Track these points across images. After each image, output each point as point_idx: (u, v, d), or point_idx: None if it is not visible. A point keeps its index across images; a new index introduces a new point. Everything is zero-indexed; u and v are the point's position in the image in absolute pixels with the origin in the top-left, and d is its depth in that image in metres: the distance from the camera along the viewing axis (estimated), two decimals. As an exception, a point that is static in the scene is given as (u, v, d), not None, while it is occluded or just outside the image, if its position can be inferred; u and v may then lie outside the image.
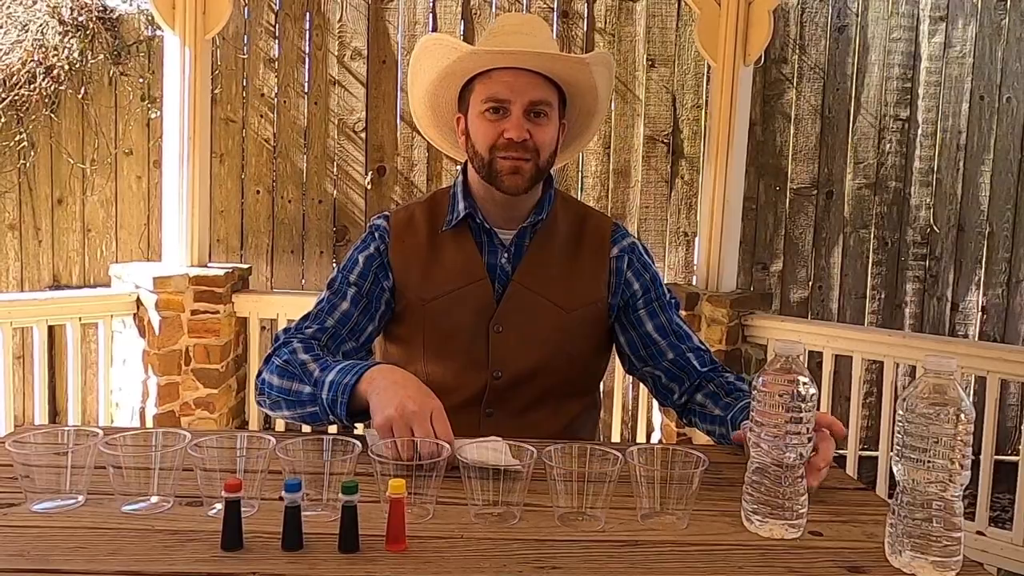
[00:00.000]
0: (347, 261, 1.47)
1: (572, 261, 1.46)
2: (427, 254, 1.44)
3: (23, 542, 0.90)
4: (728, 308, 3.01)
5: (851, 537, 1.00)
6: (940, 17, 3.62)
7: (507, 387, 1.39)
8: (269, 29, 3.48)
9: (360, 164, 3.55)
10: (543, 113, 1.37)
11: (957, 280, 3.74)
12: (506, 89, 1.35)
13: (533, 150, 1.36)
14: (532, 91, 1.36)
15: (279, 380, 1.31)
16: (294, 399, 1.30)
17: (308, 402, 1.28)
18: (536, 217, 1.44)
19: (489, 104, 1.37)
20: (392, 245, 1.45)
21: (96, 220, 3.47)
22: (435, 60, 1.42)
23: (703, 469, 1.00)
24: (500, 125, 1.36)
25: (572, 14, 3.56)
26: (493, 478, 0.99)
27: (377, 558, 0.89)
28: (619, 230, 1.52)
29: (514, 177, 1.37)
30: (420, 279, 1.43)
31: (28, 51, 3.25)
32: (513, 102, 1.35)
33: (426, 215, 1.48)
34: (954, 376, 0.88)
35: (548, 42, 1.44)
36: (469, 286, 1.41)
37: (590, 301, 1.45)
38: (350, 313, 1.42)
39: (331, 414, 1.25)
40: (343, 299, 1.43)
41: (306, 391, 1.28)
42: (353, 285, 1.43)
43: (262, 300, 3.11)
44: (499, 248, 1.44)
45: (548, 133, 1.39)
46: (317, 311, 1.43)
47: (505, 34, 1.41)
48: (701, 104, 3.60)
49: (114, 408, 3.02)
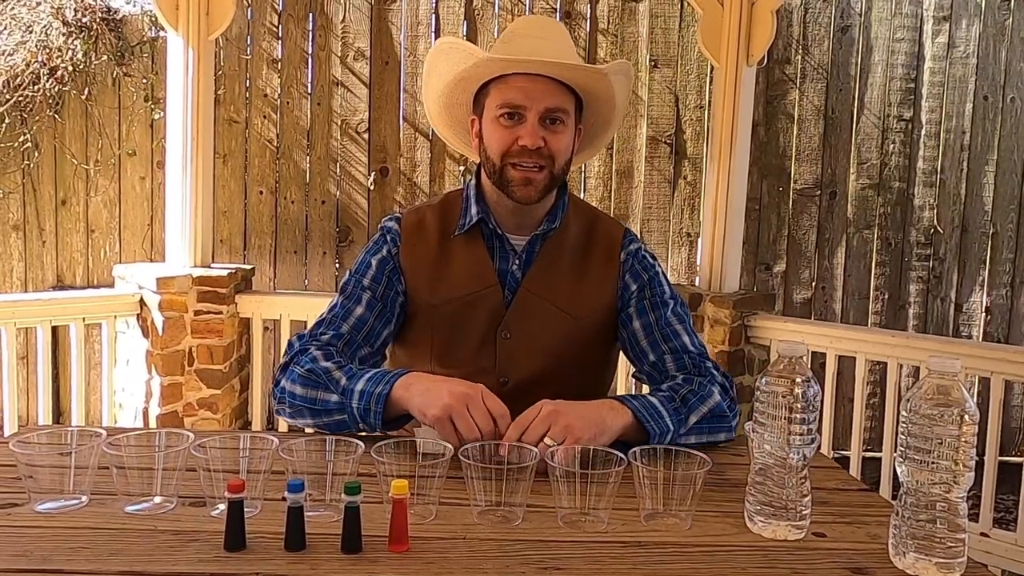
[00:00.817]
0: (359, 265, 1.45)
1: (582, 268, 1.45)
2: (438, 258, 1.42)
3: (26, 542, 0.90)
4: (731, 309, 3.01)
5: (855, 538, 1.00)
6: (944, 17, 3.61)
7: (514, 394, 1.37)
8: (272, 30, 3.48)
9: (363, 165, 3.55)
10: (559, 120, 1.35)
11: (961, 281, 3.73)
12: (522, 95, 1.33)
13: (548, 157, 1.35)
14: (548, 98, 1.34)
15: (302, 389, 1.29)
16: (320, 408, 1.28)
17: (335, 410, 1.26)
18: (549, 225, 1.43)
19: (504, 110, 1.35)
20: (403, 248, 1.44)
21: (100, 221, 3.48)
22: (451, 64, 1.40)
23: (706, 470, 1.00)
24: (515, 131, 1.34)
25: (575, 15, 3.56)
26: (496, 478, 0.99)
27: (380, 559, 0.89)
28: (628, 235, 1.50)
29: (526, 188, 1.36)
30: (430, 283, 1.42)
31: (32, 52, 3.26)
32: (529, 108, 1.33)
33: (438, 218, 1.46)
34: (958, 377, 0.88)
35: (566, 47, 1.41)
36: (479, 292, 1.40)
37: (599, 308, 1.44)
38: (365, 318, 1.40)
39: (362, 422, 1.24)
40: (357, 303, 1.41)
41: (332, 399, 1.27)
42: (367, 289, 1.41)
43: (265, 301, 3.12)
44: (510, 254, 1.43)
45: (563, 141, 1.37)
46: (331, 317, 1.40)
47: (522, 38, 1.39)
48: (704, 105, 3.60)
49: (117, 408, 3.03)
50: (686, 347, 1.41)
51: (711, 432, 1.31)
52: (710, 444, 1.31)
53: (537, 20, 1.54)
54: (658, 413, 1.24)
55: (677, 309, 1.46)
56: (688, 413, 1.28)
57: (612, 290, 1.45)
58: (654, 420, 1.23)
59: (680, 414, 1.27)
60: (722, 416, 1.32)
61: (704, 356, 1.42)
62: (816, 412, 0.98)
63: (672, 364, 1.40)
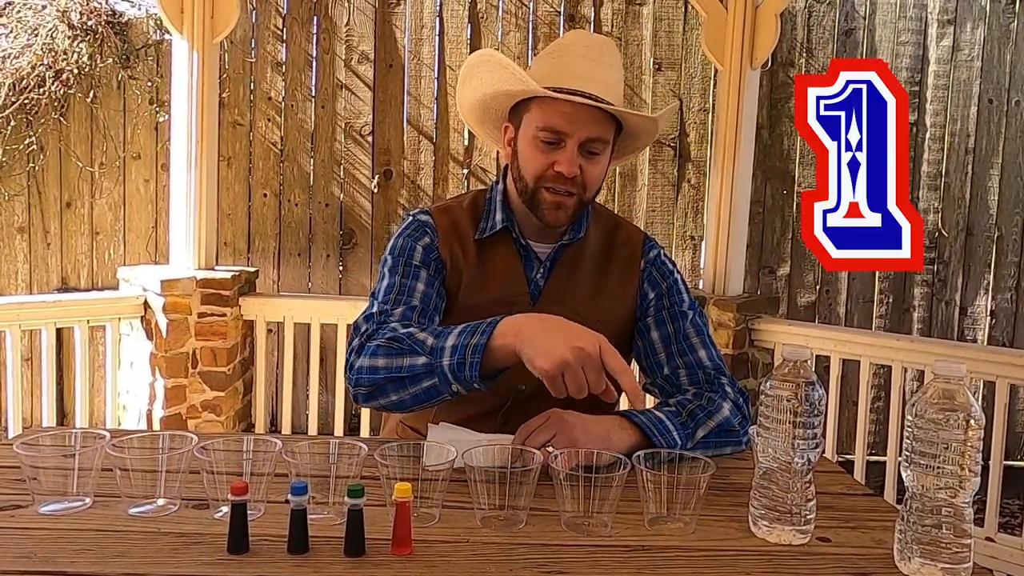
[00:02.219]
0: (401, 249, 1.39)
1: (602, 276, 1.44)
2: (474, 260, 1.41)
3: (30, 544, 0.90)
4: (735, 312, 3.00)
5: (859, 543, 0.99)
6: (948, 20, 3.60)
7: (530, 401, 1.35)
8: (276, 33, 3.49)
9: (367, 168, 3.55)
10: (597, 151, 1.33)
11: (966, 284, 3.72)
12: (565, 121, 1.30)
13: (581, 185, 1.33)
14: (591, 127, 1.30)
15: (384, 360, 1.20)
16: (406, 375, 1.19)
17: (424, 375, 1.17)
18: (574, 236, 1.42)
19: (545, 133, 1.31)
20: (441, 244, 1.41)
21: (104, 223, 3.49)
22: (494, 77, 1.36)
23: (710, 474, 0.99)
24: (552, 156, 1.31)
25: (579, 17, 3.56)
26: (499, 482, 0.99)
27: (383, 562, 0.89)
28: (648, 241, 1.49)
29: (557, 213, 1.34)
30: (465, 284, 1.40)
31: (37, 55, 3.27)
32: (570, 135, 1.30)
33: (470, 221, 1.43)
34: (963, 381, 0.87)
35: (615, 73, 1.37)
36: (509, 298, 1.38)
37: (617, 317, 1.43)
38: (429, 294, 1.35)
39: (456, 381, 1.15)
40: (417, 280, 1.35)
41: (420, 363, 1.17)
42: (422, 267, 1.36)
43: (269, 303, 3.12)
44: (535, 263, 1.42)
45: (599, 170, 1.35)
46: (394, 296, 1.33)
47: (573, 57, 1.34)
48: (708, 108, 3.60)
49: (121, 410, 3.03)
50: (701, 362, 1.39)
51: (717, 446, 1.29)
52: (716, 457, 1.30)
53: (588, 38, 1.47)
54: (665, 428, 1.24)
55: (696, 320, 1.43)
56: (695, 427, 1.27)
57: (631, 299, 1.44)
58: (661, 435, 1.22)
59: (687, 428, 1.26)
60: (730, 431, 1.31)
61: (720, 371, 1.39)
62: (820, 416, 0.97)
63: (686, 379, 1.39)
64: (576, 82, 1.31)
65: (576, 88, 1.30)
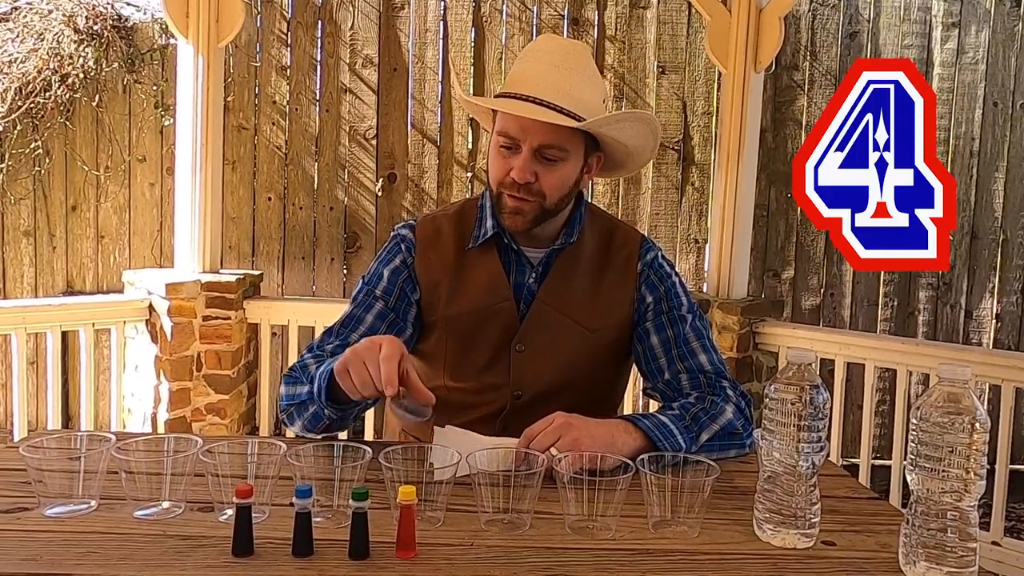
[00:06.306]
0: (371, 275, 1.43)
1: (598, 280, 1.42)
2: (453, 271, 1.40)
3: (36, 546, 0.90)
4: (739, 315, 3.00)
5: (864, 547, 0.99)
6: (953, 23, 3.60)
7: (528, 406, 1.36)
8: (281, 37, 3.50)
9: (371, 171, 3.56)
10: (553, 158, 1.30)
11: (971, 287, 3.71)
12: (516, 127, 1.29)
13: (538, 193, 1.31)
14: (544, 134, 1.28)
15: (285, 389, 1.32)
16: (298, 403, 1.29)
17: (308, 402, 1.26)
18: (567, 240, 1.41)
19: (502, 139, 1.32)
20: (418, 258, 1.42)
21: (109, 227, 3.50)
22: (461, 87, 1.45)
23: (714, 478, 0.99)
24: (510, 162, 1.31)
25: (583, 21, 3.56)
26: (504, 485, 0.99)
27: (387, 565, 0.89)
28: (645, 244, 1.47)
29: (515, 217, 1.33)
30: (445, 296, 1.40)
31: (44, 59, 3.29)
32: (523, 141, 1.29)
33: (454, 229, 1.43)
34: (968, 385, 0.87)
35: (575, 78, 1.31)
36: (493, 305, 1.38)
37: (615, 322, 1.42)
38: (376, 327, 1.37)
39: (321, 405, 1.22)
40: (368, 312, 1.39)
41: (304, 391, 1.27)
42: (379, 299, 1.39)
43: (273, 306, 3.13)
44: (527, 267, 1.41)
45: (557, 176, 1.32)
46: (340, 326, 1.39)
47: (534, 63, 1.34)
48: (712, 111, 3.59)
49: (126, 413, 3.04)
50: (702, 366, 1.39)
51: (721, 449, 1.29)
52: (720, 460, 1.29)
53: (555, 43, 1.46)
54: (669, 432, 1.23)
55: (695, 323, 1.42)
56: (699, 431, 1.27)
57: (628, 303, 1.42)
58: (666, 439, 1.22)
59: (691, 431, 1.26)
60: (733, 434, 1.30)
61: (721, 375, 1.39)
62: (825, 419, 0.97)
63: (687, 383, 1.38)
64: (530, 87, 1.29)
65: (529, 94, 1.28)
